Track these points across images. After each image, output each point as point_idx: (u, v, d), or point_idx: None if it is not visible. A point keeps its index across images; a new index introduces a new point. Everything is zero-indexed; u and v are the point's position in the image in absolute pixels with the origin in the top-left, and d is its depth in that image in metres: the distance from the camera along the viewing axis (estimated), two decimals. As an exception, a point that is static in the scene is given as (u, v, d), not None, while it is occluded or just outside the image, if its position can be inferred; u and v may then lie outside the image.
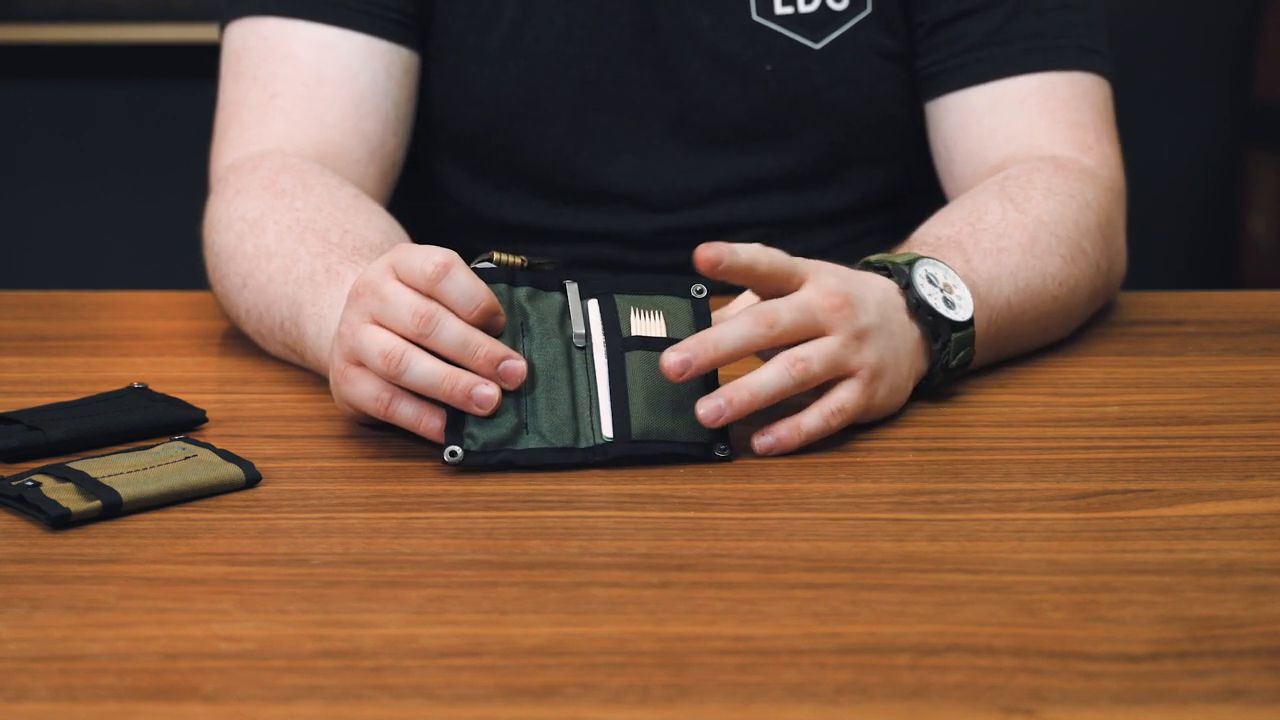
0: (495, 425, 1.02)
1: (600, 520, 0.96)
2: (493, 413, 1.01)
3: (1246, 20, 2.81)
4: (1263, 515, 0.95)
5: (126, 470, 0.98)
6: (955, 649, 0.79)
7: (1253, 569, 0.88)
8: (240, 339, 1.28)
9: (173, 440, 1.04)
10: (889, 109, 1.42)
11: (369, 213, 1.25)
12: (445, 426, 1.02)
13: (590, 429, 1.03)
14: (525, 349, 1.04)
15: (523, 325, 1.05)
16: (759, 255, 1.04)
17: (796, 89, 1.39)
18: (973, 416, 1.12)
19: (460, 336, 1.01)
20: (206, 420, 1.11)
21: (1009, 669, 0.77)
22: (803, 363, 1.03)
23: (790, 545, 0.91)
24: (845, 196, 1.45)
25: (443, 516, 0.96)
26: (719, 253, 1.02)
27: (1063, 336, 1.27)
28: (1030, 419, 1.12)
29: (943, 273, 1.12)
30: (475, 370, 1.01)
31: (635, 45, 1.39)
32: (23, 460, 1.04)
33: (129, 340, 1.37)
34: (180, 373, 1.25)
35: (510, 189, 1.45)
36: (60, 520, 0.94)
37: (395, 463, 1.04)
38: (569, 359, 1.05)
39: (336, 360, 1.05)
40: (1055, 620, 0.82)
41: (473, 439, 1.02)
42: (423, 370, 1.01)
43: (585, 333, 1.05)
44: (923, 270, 1.11)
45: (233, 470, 1.00)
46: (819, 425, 1.05)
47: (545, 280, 1.07)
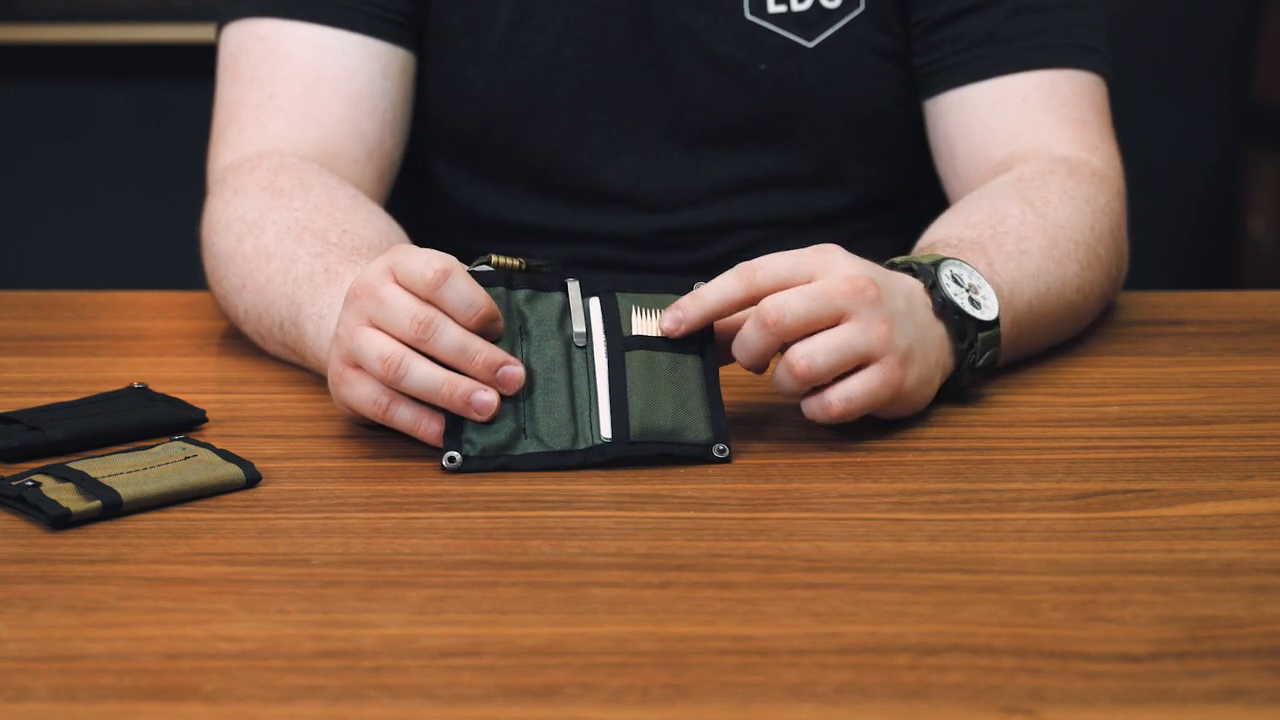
0: (493, 431, 1.02)
1: (600, 520, 0.96)
2: (491, 418, 1.01)
3: (1246, 20, 2.81)
4: (1263, 515, 0.95)
5: (126, 470, 0.98)
6: (955, 649, 0.79)
7: (1253, 569, 0.88)
8: (240, 339, 1.28)
9: (173, 440, 1.04)
10: (885, 107, 1.42)
11: (367, 213, 1.24)
12: (444, 432, 1.02)
13: (589, 429, 1.03)
14: (523, 353, 1.04)
15: (521, 329, 1.05)
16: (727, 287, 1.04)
17: (791, 88, 1.39)
18: (973, 416, 1.12)
19: (459, 342, 1.01)
20: (206, 420, 1.11)
21: (1009, 669, 0.77)
22: (783, 310, 1.02)
23: (790, 545, 0.91)
24: (843, 195, 1.45)
25: (443, 516, 0.96)
26: (674, 316, 1.04)
27: (1068, 339, 1.27)
28: (1030, 419, 1.12)
29: (968, 273, 1.11)
30: (473, 376, 1.01)
31: (633, 45, 1.39)
32: (23, 460, 1.04)
33: (129, 340, 1.37)
34: (180, 373, 1.25)
35: (508, 189, 1.45)
36: (60, 520, 0.94)
37: (395, 463, 1.04)
38: (568, 359, 1.05)
39: (334, 362, 1.05)
40: (1055, 620, 0.82)
41: (471, 444, 1.02)
42: (421, 375, 1.01)
43: (586, 331, 1.05)
44: (948, 270, 1.10)
45: (233, 470, 1.00)
46: (856, 392, 1.03)
47: (544, 281, 1.07)
